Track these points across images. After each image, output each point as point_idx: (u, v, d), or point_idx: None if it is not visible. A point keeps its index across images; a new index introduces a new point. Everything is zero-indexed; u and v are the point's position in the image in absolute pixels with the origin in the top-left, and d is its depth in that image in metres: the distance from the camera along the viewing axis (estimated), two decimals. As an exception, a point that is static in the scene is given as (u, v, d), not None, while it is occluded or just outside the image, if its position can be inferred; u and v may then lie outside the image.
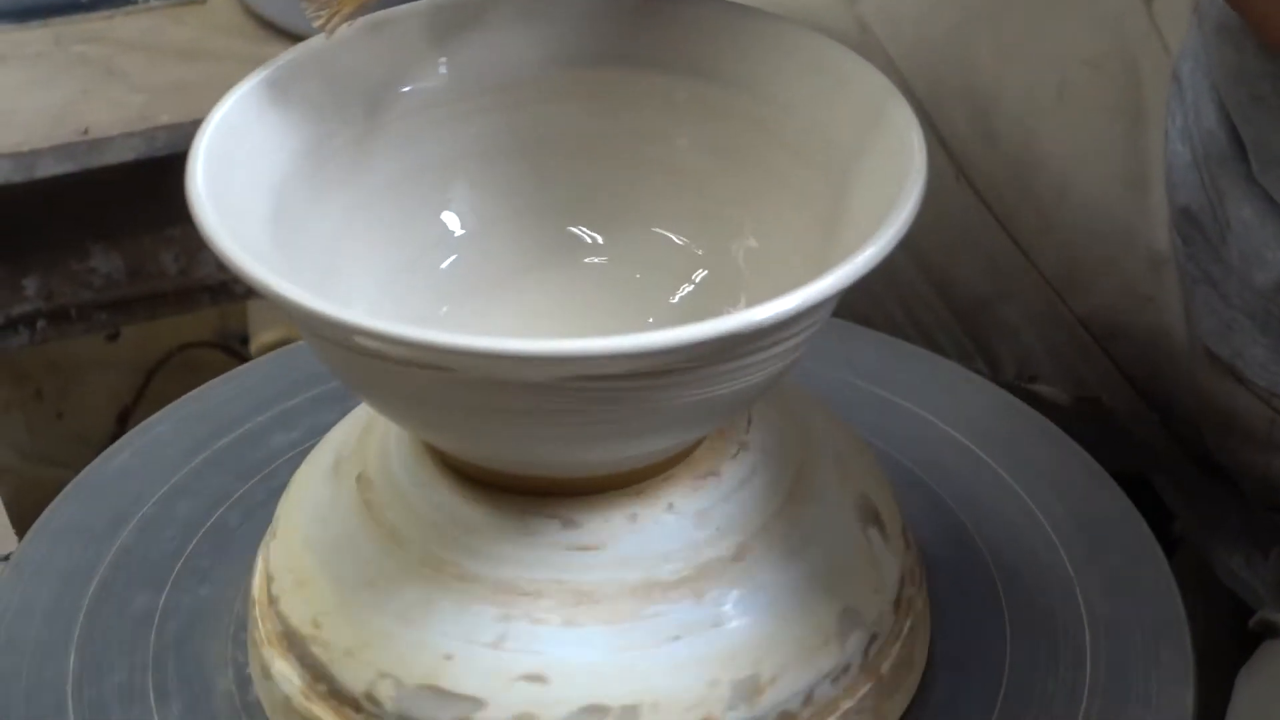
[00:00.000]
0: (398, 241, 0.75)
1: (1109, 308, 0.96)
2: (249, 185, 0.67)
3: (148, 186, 1.37)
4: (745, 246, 0.75)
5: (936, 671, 0.76)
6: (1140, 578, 0.81)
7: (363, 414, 0.77)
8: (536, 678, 0.67)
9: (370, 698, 0.68)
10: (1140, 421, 0.97)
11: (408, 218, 0.75)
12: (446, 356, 0.59)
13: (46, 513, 0.86)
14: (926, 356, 0.95)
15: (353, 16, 0.69)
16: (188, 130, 1.31)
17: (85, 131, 1.32)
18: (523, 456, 0.68)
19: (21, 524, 1.05)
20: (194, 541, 0.83)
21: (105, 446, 1.65)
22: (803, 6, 1.03)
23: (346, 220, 0.73)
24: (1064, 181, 0.96)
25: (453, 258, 0.76)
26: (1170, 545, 1.02)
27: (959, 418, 0.89)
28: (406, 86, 0.74)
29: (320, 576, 0.72)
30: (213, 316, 1.68)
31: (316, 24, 0.68)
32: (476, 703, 0.67)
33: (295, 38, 1.42)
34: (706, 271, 0.76)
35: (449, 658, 0.68)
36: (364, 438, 0.75)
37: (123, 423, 1.68)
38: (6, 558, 0.91)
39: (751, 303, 0.72)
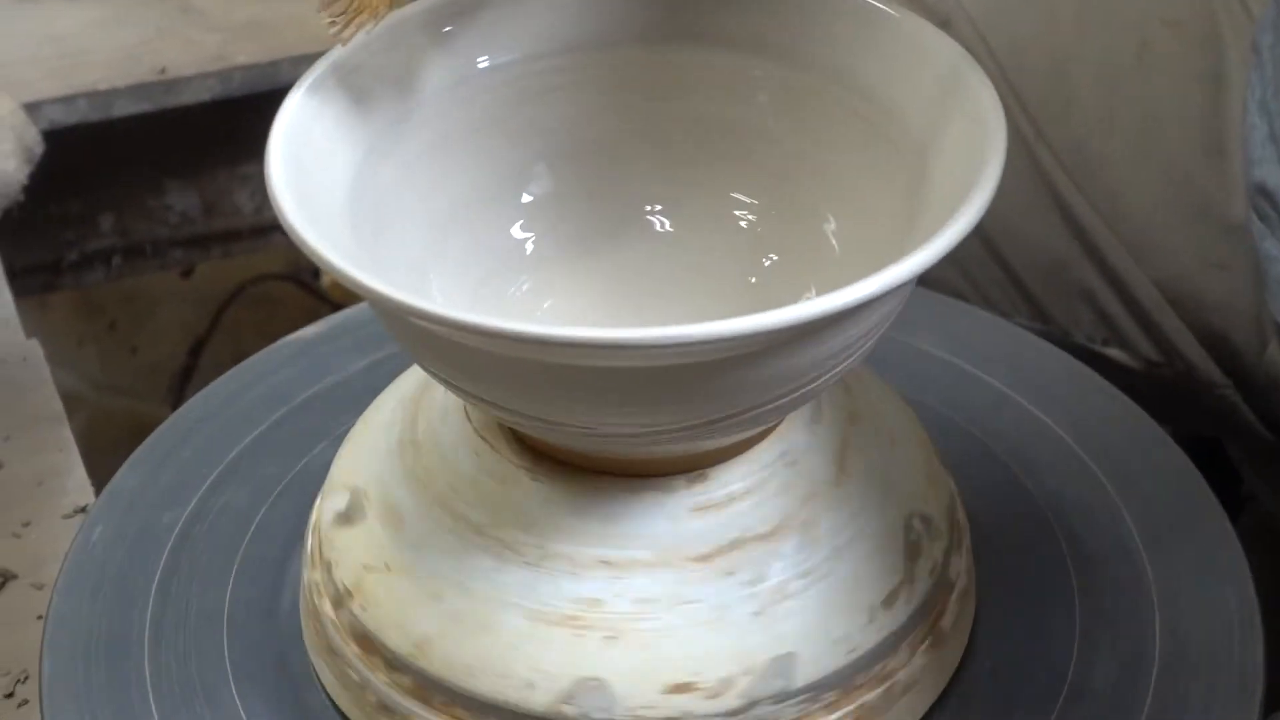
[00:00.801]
0: (476, 222, 0.75)
1: (1184, 274, 0.95)
2: (325, 171, 0.68)
3: (223, 125, 1.37)
4: (824, 222, 0.74)
5: (994, 627, 0.77)
6: (1205, 544, 0.81)
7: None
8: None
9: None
10: (1213, 387, 0.97)
11: (486, 199, 0.75)
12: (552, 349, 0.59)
13: (224, 377, 0.92)
14: (986, 317, 0.95)
15: (368, 24, 0.69)
16: (264, 70, 1.33)
17: (162, 71, 1.33)
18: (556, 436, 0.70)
19: (95, 454, 1.06)
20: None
21: (177, 378, 1.67)
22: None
23: (425, 202, 0.73)
24: (1142, 145, 0.96)
25: (531, 236, 0.76)
26: (1238, 506, 1.02)
27: (1018, 378, 0.89)
28: (480, 63, 0.74)
29: (348, 463, 0.76)
30: (285, 249, 1.69)
31: (332, 32, 0.68)
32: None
33: (370, -24, 1.42)
34: (783, 250, 0.75)
35: None
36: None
37: (195, 355, 1.69)
38: (84, 509, 0.92)
39: (831, 281, 0.72)
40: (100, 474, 0.99)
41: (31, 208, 1.26)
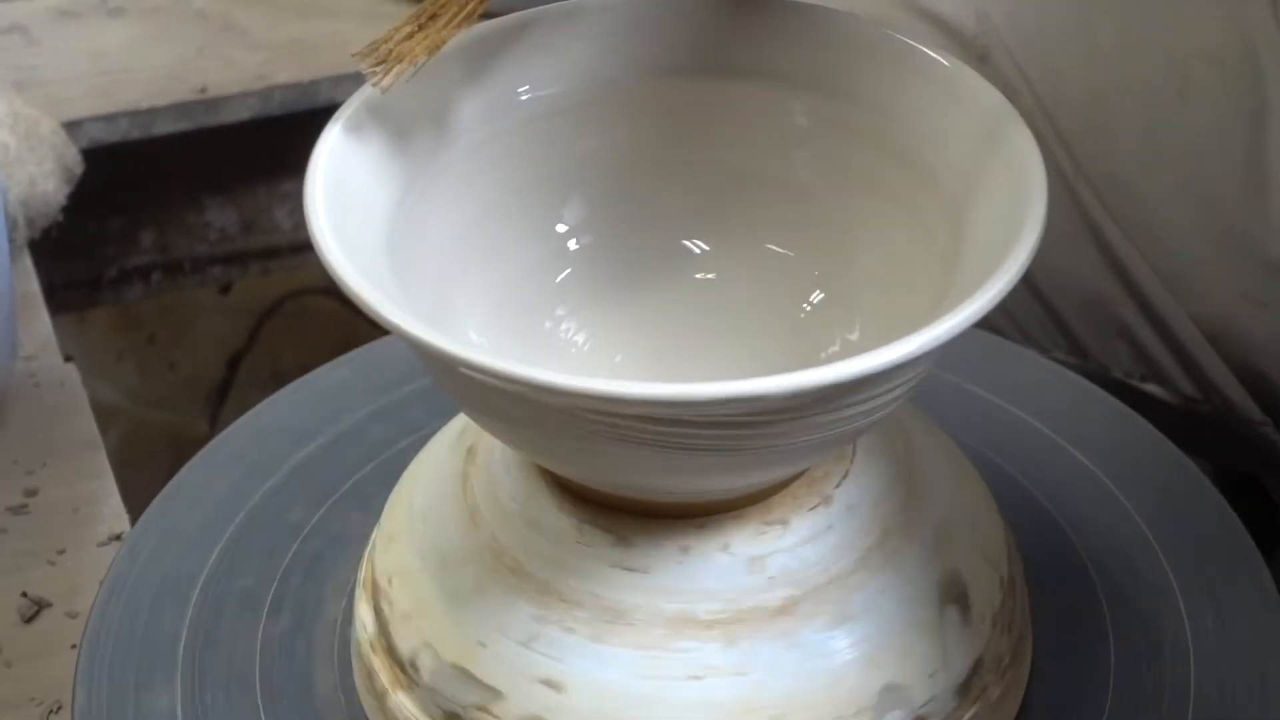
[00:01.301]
0: (511, 254, 0.75)
1: (1223, 311, 0.95)
2: (363, 207, 0.68)
3: (263, 143, 1.38)
4: (860, 267, 0.74)
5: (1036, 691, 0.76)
6: (1239, 584, 0.80)
7: None
8: (554, 684, 0.68)
9: (413, 664, 0.71)
10: (1252, 424, 0.96)
11: (520, 231, 0.75)
12: (535, 391, 0.59)
13: (259, 408, 0.91)
14: (1026, 354, 0.94)
15: (407, 72, 0.69)
16: (304, 90, 1.34)
17: (202, 90, 1.33)
18: (583, 475, 0.69)
19: (132, 467, 1.07)
20: (369, 466, 0.86)
21: (215, 391, 1.68)
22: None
23: (460, 235, 0.73)
24: (1182, 181, 0.95)
25: (566, 270, 0.76)
26: (1277, 542, 1.02)
27: (1053, 414, 0.88)
28: (516, 96, 0.74)
29: (404, 538, 0.74)
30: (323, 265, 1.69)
31: (372, 81, 0.68)
32: (496, 694, 0.68)
33: (412, -4, 1.43)
34: (822, 293, 0.75)
35: (482, 645, 0.69)
36: None
37: (233, 368, 1.70)
38: (119, 537, 0.92)
39: (866, 333, 0.72)
40: (136, 487, 1.00)
41: (72, 224, 1.26)
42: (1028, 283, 1.00)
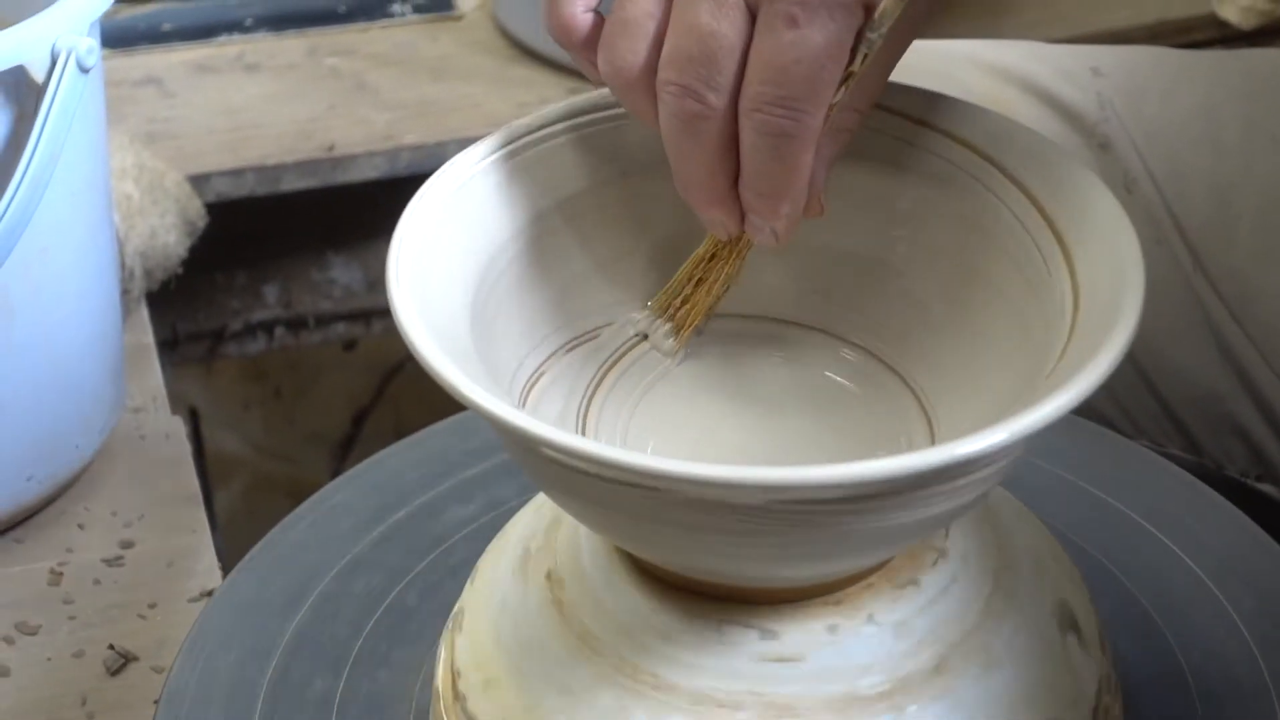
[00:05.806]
0: (596, 325, 0.74)
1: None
2: (449, 274, 0.68)
3: (389, 201, 1.38)
4: (950, 349, 0.73)
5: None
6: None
7: (547, 503, 0.76)
8: None
9: None
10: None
11: (611, 302, 0.75)
12: (645, 478, 0.58)
13: (223, 586, 0.85)
14: (1135, 449, 0.92)
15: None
16: (431, 152, 1.34)
17: (330, 149, 1.34)
18: (718, 569, 0.67)
19: (254, 518, 1.07)
20: (371, 621, 0.82)
21: (340, 446, 1.68)
22: (1045, 76, 1.01)
23: (545, 307, 0.73)
24: (1304, 278, 0.93)
25: (641, 335, 0.75)
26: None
27: (1165, 515, 0.86)
28: (612, 170, 0.74)
29: (510, 678, 0.70)
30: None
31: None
32: None
33: (544, 59, 1.43)
34: (906, 375, 0.74)
35: None
36: (551, 530, 0.74)
37: (359, 424, 1.70)
38: (210, 593, 0.93)
39: (954, 419, 0.71)
40: (253, 539, 0.99)
41: (198, 277, 1.27)
42: (1142, 377, 0.98)
